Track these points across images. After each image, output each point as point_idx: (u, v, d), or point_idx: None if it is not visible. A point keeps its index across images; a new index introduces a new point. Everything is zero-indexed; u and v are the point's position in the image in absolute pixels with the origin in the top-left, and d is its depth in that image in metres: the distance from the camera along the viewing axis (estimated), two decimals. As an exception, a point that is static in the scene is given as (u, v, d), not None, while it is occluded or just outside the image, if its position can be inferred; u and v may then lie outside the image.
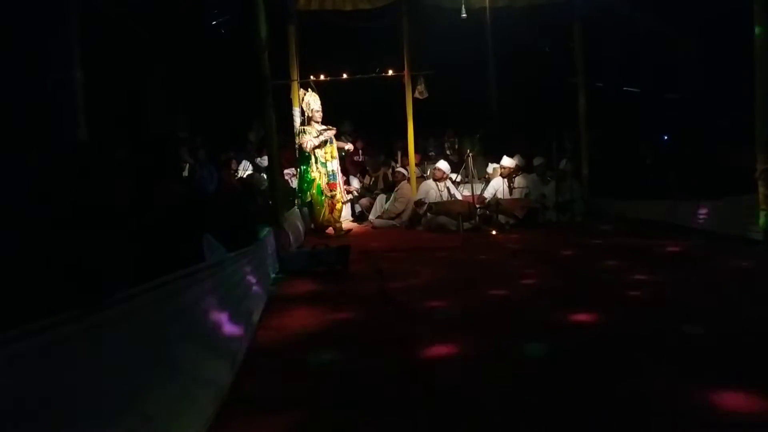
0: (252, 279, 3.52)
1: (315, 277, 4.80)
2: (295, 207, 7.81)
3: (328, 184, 7.93)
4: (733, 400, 1.94)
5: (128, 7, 8.64)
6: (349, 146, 8.53)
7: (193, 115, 10.95)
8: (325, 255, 5.13)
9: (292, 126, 8.93)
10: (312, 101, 8.04)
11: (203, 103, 11.61)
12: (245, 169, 9.65)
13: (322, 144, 7.90)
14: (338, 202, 8.07)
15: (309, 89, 8.18)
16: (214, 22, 10.17)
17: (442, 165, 8.95)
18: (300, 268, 5.00)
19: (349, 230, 8.34)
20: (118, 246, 2.46)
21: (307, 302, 3.90)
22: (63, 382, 1.25)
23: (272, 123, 5.37)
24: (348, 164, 10.28)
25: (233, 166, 9.46)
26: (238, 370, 2.39)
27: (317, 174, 7.92)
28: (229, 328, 2.60)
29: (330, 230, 7.96)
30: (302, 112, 8.31)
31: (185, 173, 8.74)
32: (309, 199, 8.04)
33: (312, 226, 8.11)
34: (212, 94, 11.87)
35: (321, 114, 8.00)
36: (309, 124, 8.01)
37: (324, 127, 7.99)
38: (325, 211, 7.95)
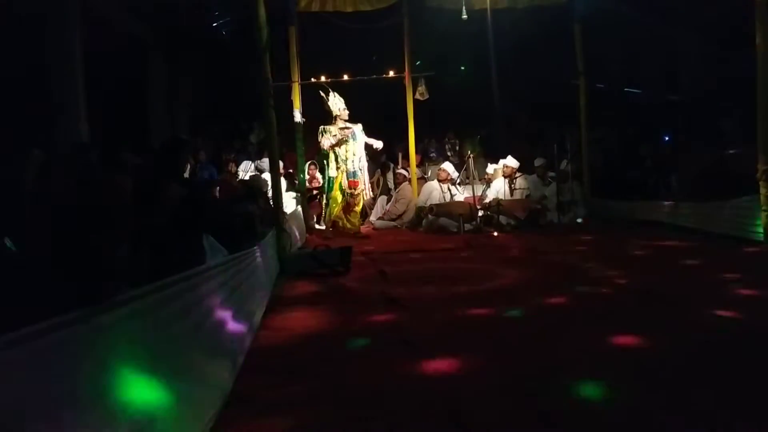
0: (253, 280, 3.52)
1: (316, 278, 4.79)
2: (297, 208, 7.82)
3: (349, 181, 7.98)
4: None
5: (130, 10, 8.65)
6: (378, 144, 8.48)
7: (194, 117, 10.97)
8: (327, 256, 5.12)
9: (293, 128, 8.95)
10: (338, 101, 8.10)
11: (204, 105, 11.63)
12: (246, 171, 9.64)
13: (340, 143, 7.94)
14: (358, 203, 8.13)
15: (330, 91, 8.20)
16: (215, 24, 10.18)
17: (447, 167, 8.95)
18: (301, 270, 4.99)
19: (361, 233, 8.31)
20: (119, 247, 2.46)
21: (309, 304, 3.89)
22: (65, 383, 1.24)
23: (273, 125, 5.36)
24: None
25: (232, 168, 9.45)
26: (239, 371, 2.39)
27: (338, 172, 7.99)
28: (231, 329, 2.60)
29: (346, 229, 8.03)
30: (328, 113, 8.30)
31: (186, 175, 8.72)
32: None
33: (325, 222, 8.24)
34: (213, 95, 11.90)
35: (347, 112, 8.08)
36: (334, 123, 8.06)
37: (344, 125, 8.03)
38: (339, 208, 8.01)
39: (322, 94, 8.21)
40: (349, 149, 8.02)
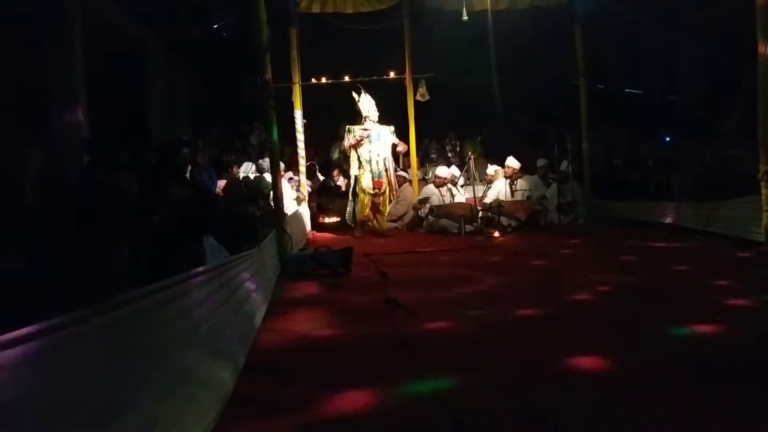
0: (254, 281, 3.51)
1: (317, 279, 4.78)
2: (298, 209, 7.80)
3: (373, 181, 8.05)
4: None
5: (130, 10, 8.65)
6: (402, 147, 8.55)
7: (194, 117, 10.97)
8: (328, 257, 5.11)
9: (294, 130, 8.93)
10: (368, 102, 8.17)
11: (204, 105, 11.63)
12: (247, 172, 9.61)
13: (358, 144, 8.04)
14: (383, 202, 8.21)
15: (362, 91, 8.24)
16: (216, 26, 10.18)
17: (441, 171, 8.91)
18: (302, 271, 4.98)
19: (391, 232, 8.40)
20: (120, 247, 2.45)
21: (309, 305, 3.88)
22: (67, 384, 1.24)
23: (273, 126, 5.35)
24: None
25: (234, 170, 9.42)
26: (240, 372, 2.38)
27: (361, 172, 8.11)
28: (232, 330, 2.59)
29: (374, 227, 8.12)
30: (359, 113, 8.34)
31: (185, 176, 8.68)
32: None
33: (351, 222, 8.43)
34: (213, 96, 11.89)
35: (377, 114, 8.17)
36: (363, 123, 8.15)
37: (365, 127, 8.14)
38: (365, 208, 8.07)
39: (355, 94, 8.25)
40: (373, 150, 8.07)
